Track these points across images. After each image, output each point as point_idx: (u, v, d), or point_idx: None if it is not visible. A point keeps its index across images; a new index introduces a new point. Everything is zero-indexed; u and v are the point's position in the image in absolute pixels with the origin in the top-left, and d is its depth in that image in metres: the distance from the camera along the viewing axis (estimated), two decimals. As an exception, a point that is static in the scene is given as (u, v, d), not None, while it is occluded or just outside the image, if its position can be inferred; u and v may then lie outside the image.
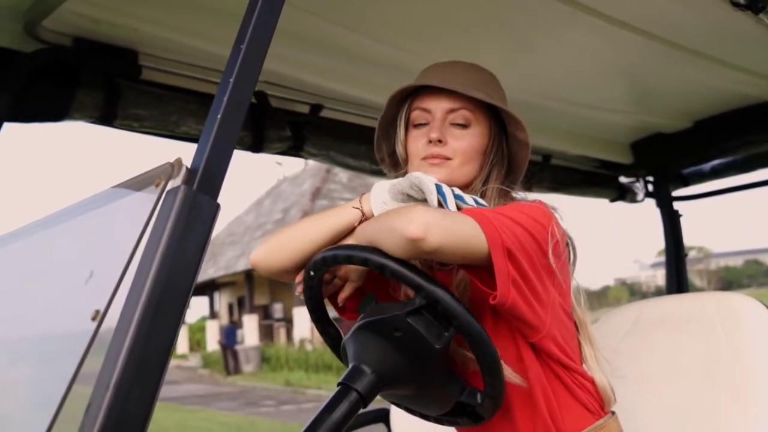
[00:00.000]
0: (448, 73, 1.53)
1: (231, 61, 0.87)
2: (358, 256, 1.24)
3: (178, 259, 0.77)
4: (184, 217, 0.78)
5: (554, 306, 1.36)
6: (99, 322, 0.72)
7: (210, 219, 0.81)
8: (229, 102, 0.84)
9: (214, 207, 0.81)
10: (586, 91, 2.58)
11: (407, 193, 1.34)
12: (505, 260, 1.22)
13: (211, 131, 0.83)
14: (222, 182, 0.83)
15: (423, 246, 1.17)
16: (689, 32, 2.08)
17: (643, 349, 1.82)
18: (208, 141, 0.82)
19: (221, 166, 0.83)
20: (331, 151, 2.43)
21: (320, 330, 1.46)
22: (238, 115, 0.85)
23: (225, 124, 0.83)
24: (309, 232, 1.39)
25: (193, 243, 0.79)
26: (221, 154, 0.83)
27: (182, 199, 0.79)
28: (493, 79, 1.59)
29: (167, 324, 0.75)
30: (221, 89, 0.86)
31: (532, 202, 1.44)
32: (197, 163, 0.82)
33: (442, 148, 1.47)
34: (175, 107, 2.03)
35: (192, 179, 0.81)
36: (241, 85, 0.86)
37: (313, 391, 17.67)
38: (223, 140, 0.83)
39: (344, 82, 2.21)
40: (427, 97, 1.51)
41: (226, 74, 0.86)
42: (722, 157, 3.03)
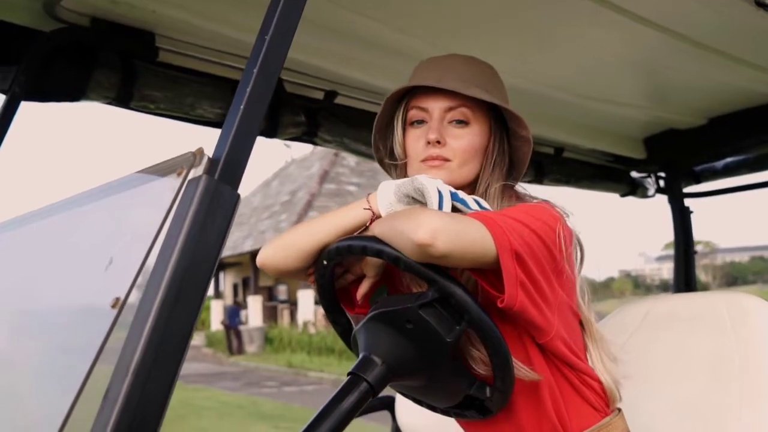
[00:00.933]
0: (444, 69, 1.51)
1: (255, 52, 0.87)
2: (372, 248, 1.25)
3: (198, 248, 0.77)
4: (205, 206, 0.79)
5: (561, 306, 1.36)
6: (119, 310, 0.72)
7: (230, 209, 0.81)
8: (252, 93, 0.84)
9: (234, 197, 0.82)
10: (602, 85, 2.57)
11: (411, 196, 1.34)
12: (513, 263, 1.22)
13: (234, 122, 0.83)
14: (243, 172, 0.83)
15: (431, 251, 1.17)
16: (708, 29, 2.07)
17: (651, 347, 1.83)
18: (230, 131, 0.82)
19: (242, 157, 0.83)
20: (344, 138, 2.42)
21: (330, 319, 1.47)
22: (260, 106, 0.85)
23: (247, 115, 0.83)
24: (317, 231, 1.39)
25: (214, 233, 0.79)
26: (243, 144, 0.83)
27: (203, 189, 0.79)
28: (492, 73, 1.56)
29: (186, 312, 0.76)
30: (244, 79, 0.86)
31: (538, 201, 1.44)
32: (219, 153, 0.82)
33: (441, 149, 1.45)
34: (191, 90, 2.03)
35: (213, 169, 0.81)
36: (264, 76, 0.86)
37: (314, 374, 17.75)
38: (245, 131, 0.83)
39: (360, 69, 2.20)
40: (423, 95, 1.49)
41: (250, 65, 0.87)
42: (735, 155, 3.02)
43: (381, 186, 1.40)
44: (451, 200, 1.30)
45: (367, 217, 1.37)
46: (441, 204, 1.27)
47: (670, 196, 3.22)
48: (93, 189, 0.93)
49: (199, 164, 0.81)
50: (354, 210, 1.39)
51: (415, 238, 1.16)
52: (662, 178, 3.28)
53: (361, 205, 1.39)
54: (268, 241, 1.44)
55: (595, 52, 2.25)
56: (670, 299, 1.93)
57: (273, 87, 0.87)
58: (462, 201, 1.33)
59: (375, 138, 1.59)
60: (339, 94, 2.33)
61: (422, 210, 1.25)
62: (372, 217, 1.36)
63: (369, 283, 1.41)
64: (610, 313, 2.04)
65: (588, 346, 1.44)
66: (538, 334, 1.32)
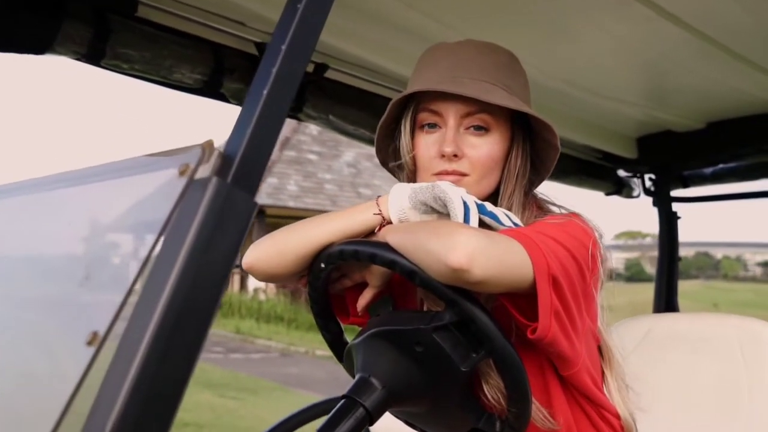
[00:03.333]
0: (459, 62, 1.31)
1: (284, 23, 0.69)
2: (383, 257, 1.09)
3: (203, 270, 0.60)
4: (214, 217, 0.62)
5: (587, 333, 1.22)
6: (97, 349, 0.55)
7: (245, 221, 0.64)
8: (278, 75, 0.66)
9: (251, 207, 0.64)
10: (604, 79, 2.43)
11: (429, 204, 1.17)
12: (549, 290, 1.08)
13: (254, 111, 0.65)
14: (262, 175, 0.66)
15: (466, 277, 1.01)
16: (725, 27, 1.93)
17: (653, 369, 1.71)
18: (249, 122, 0.65)
19: (262, 155, 0.66)
20: (331, 115, 2.24)
21: (320, 325, 1.31)
22: (287, 92, 0.68)
23: (272, 104, 0.66)
24: (318, 234, 1.22)
25: (223, 250, 0.62)
26: (264, 140, 0.66)
27: (213, 195, 0.62)
28: (514, 65, 1.37)
29: (185, 349, 0.59)
30: (268, 58, 0.68)
31: (567, 213, 1.29)
32: (234, 148, 0.65)
33: (458, 163, 1.29)
34: (170, 51, 1.83)
35: (226, 169, 0.63)
36: (295, 54, 0.68)
37: (262, 341, 17.56)
38: (268, 123, 0.66)
39: (357, 43, 2.02)
40: (439, 96, 1.31)
41: (276, 40, 0.69)
42: (730, 162, 2.91)
43: (394, 189, 1.23)
44: (479, 214, 1.13)
45: (376, 223, 1.21)
46: (467, 218, 1.11)
47: (658, 200, 3.10)
48: (67, 173, 0.74)
49: (208, 161, 0.64)
50: (362, 213, 1.22)
51: (450, 261, 1.00)
52: (651, 180, 3.17)
53: (371, 209, 1.22)
54: (256, 243, 1.26)
55: (605, 46, 2.10)
56: (673, 318, 1.81)
57: (304, 68, 0.70)
58: (491, 215, 1.16)
59: (378, 138, 1.41)
60: (330, 67, 2.14)
61: (455, 226, 1.08)
62: (382, 222, 1.20)
63: (372, 293, 1.25)
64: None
65: (605, 375, 1.31)
66: (564, 365, 1.18)
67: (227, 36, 1.93)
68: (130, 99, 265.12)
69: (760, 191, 3.02)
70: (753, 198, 3.05)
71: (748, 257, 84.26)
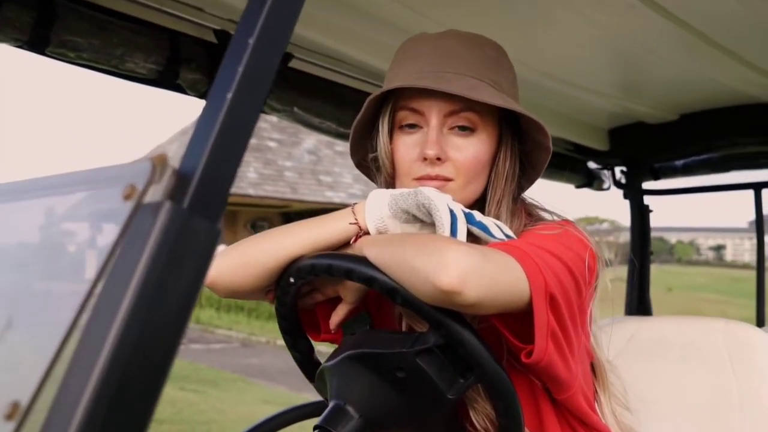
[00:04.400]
0: (442, 58, 1.19)
1: (251, 11, 0.57)
2: (360, 273, 0.98)
3: (153, 320, 0.49)
4: (167, 252, 0.50)
5: (582, 351, 1.12)
6: (18, 424, 0.44)
7: (207, 256, 0.52)
8: (246, 75, 0.55)
9: (213, 237, 0.53)
10: (580, 70, 2.34)
11: (412, 213, 1.06)
12: (546, 309, 0.98)
13: (216, 119, 0.53)
14: (227, 197, 0.54)
15: (457, 299, 0.90)
16: (710, 16, 1.84)
17: (639, 380, 1.61)
18: (211, 132, 0.53)
19: (228, 173, 0.54)
20: (295, 107, 2.12)
21: (288, 342, 1.20)
22: (258, 95, 0.56)
23: (238, 109, 0.54)
24: (287, 245, 1.11)
25: (179, 295, 0.50)
26: (230, 153, 0.54)
27: (166, 224, 0.50)
28: (501, 58, 1.26)
29: (131, 423, 0.48)
30: (233, 55, 0.56)
31: (561, 222, 1.19)
32: (192, 164, 0.53)
33: (441, 167, 1.18)
34: (121, 39, 1.69)
35: (183, 191, 0.52)
36: (266, 49, 0.56)
37: (222, 331, 17.35)
38: (234, 133, 0.54)
39: (322, 30, 1.89)
40: (419, 93, 1.19)
41: (242, 33, 0.57)
42: (703, 154, 2.85)
43: (371, 195, 1.12)
44: (467, 224, 1.03)
45: (352, 233, 1.09)
46: (454, 229, 1.01)
47: (630, 192, 3.04)
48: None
49: (160, 181, 0.52)
50: (336, 222, 1.11)
51: (440, 282, 0.89)
52: (623, 172, 3.10)
53: (345, 217, 1.10)
54: (220, 255, 1.14)
55: (577, 33, 1.99)
56: (657, 323, 1.73)
57: (277, 66, 0.58)
58: (481, 225, 1.05)
59: (353, 138, 1.29)
60: (294, 57, 2.01)
61: (444, 242, 0.97)
62: (359, 233, 1.09)
63: (346, 310, 1.14)
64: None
65: (598, 395, 1.22)
66: (559, 389, 1.08)
67: (184, 22, 1.79)
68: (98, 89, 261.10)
69: (732, 183, 2.97)
70: (725, 190, 3.01)
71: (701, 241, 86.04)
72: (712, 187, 3.00)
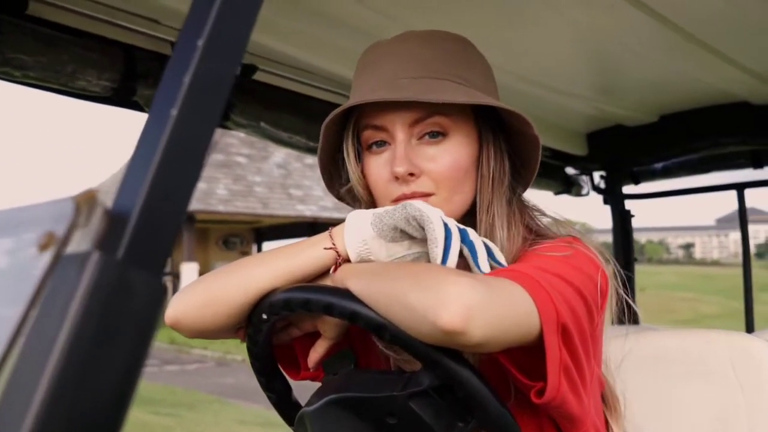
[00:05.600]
0: (399, 63, 1.08)
1: (200, 7, 0.46)
2: (342, 308, 0.86)
3: (82, 408, 0.37)
4: (97, 316, 0.38)
5: (594, 383, 1.02)
6: None
7: (149, 318, 0.41)
8: (195, 85, 0.44)
9: (156, 292, 0.41)
10: (557, 72, 2.25)
11: (402, 228, 0.95)
12: (558, 343, 0.87)
13: (157, 143, 0.42)
14: (173, 242, 0.43)
15: (461, 340, 0.79)
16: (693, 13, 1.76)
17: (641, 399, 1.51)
18: (150, 160, 0.42)
19: (174, 211, 0.43)
20: (262, 121, 2.00)
21: (263, 384, 1.08)
22: (212, 109, 0.45)
23: (186, 129, 0.43)
24: (257, 278, 0.98)
25: (116, 370, 0.39)
26: (177, 185, 0.43)
27: (95, 279, 0.39)
28: (467, 51, 1.13)
29: None
30: (178, 61, 0.45)
31: (568, 239, 1.07)
32: (128, 203, 0.41)
33: (417, 182, 1.06)
34: (71, 55, 1.56)
35: (117, 237, 0.40)
36: (220, 52, 0.45)
37: (198, 351, 17.10)
38: (182, 160, 0.43)
39: (286, 39, 1.78)
40: (378, 107, 1.07)
41: (188, 33, 0.46)
42: (684, 156, 2.78)
43: (351, 217, 1.00)
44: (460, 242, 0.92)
45: (329, 260, 0.98)
46: (448, 245, 0.89)
47: (611, 198, 2.96)
48: None
49: (86, 225, 0.40)
50: (311, 249, 0.99)
51: (440, 321, 0.77)
52: (602, 177, 3.02)
53: (322, 243, 0.99)
54: (180, 292, 1.02)
55: (556, 34, 1.90)
56: (656, 336, 1.63)
57: (235, 72, 0.47)
58: (471, 247, 0.94)
59: (323, 169, 1.18)
60: (259, 69, 1.90)
61: (442, 273, 0.85)
62: (338, 259, 0.98)
63: (326, 346, 1.02)
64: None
65: (610, 426, 1.11)
66: (571, 426, 0.97)
67: (138, 36, 1.67)
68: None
69: (714, 185, 2.90)
70: (707, 192, 2.94)
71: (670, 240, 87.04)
72: (695, 189, 2.93)
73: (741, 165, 2.83)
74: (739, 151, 2.74)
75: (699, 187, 2.94)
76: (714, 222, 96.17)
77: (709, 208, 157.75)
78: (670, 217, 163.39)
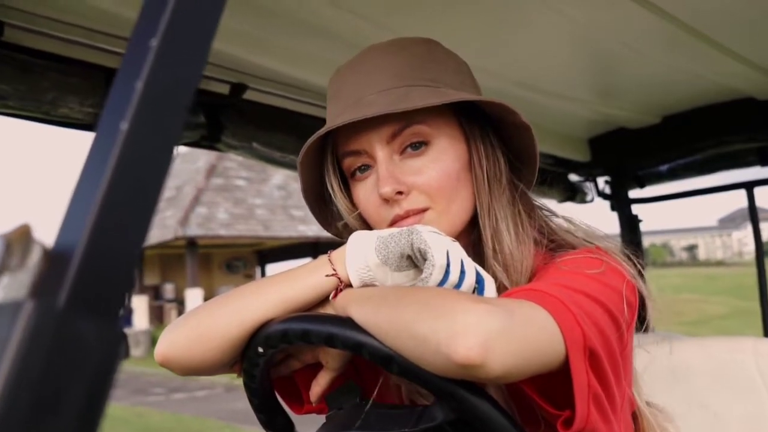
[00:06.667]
0: (363, 80, 1.01)
1: (151, 4, 0.40)
2: (346, 339, 0.79)
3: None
4: (36, 376, 0.31)
5: (625, 406, 0.94)
6: None
7: (104, 374, 0.34)
8: (148, 94, 0.37)
9: (112, 343, 0.34)
10: (556, 76, 2.19)
11: (408, 255, 0.88)
12: (586, 369, 0.80)
13: (105, 163, 0.35)
14: (132, 280, 0.36)
15: (479, 373, 0.71)
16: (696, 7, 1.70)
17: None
18: (96, 188, 0.35)
19: (130, 244, 0.36)
20: (254, 142, 1.93)
21: (263, 421, 1.00)
22: (170, 122, 0.38)
23: (140, 146, 0.36)
24: (253, 309, 0.91)
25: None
26: (130, 215, 0.36)
27: (32, 332, 0.32)
28: (434, 52, 1.06)
29: None
30: (128, 65, 0.38)
31: (591, 249, 0.99)
32: (71, 238, 0.34)
33: (408, 200, 0.99)
34: (51, 82, 1.50)
35: (58, 280, 0.33)
36: (180, 53, 0.39)
37: (205, 377, 16.97)
38: (135, 183, 0.36)
39: (277, 55, 1.71)
40: (350, 131, 1.01)
41: (140, 32, 0.39)
42: (690, 157, 2.70)
43: (353, 239, 0.93)
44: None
45: (330, 287, 0.91)
46: (462, 279, 0.82)
47: (617, 203, 2.88)
48: None
49: (21, 267, 0.33)
50: (310, 275, 0.92)
51: (455, 354, 0.69)
52: (607, 182, 2.95)
53: (321, 269, 0.92)
54: (171, 326, 0.95)
55: (553, 35, 1.82)
56: (678, 345, 1.55)
57: (199, 76, 0.40)
58: (480, 282, 0.87)
59: (312, 208, 1.12)
60: (249, 87, 1.84)
61: (455, 297, 0.76)
62: (339, 286, 0.90)
63: (329, 378, 0.95)
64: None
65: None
66: None
67: (120, 58, 1.60)
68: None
69: (723, 185, 2.83)
70: (716, 192, 2.86)
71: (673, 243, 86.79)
72: (703, 190, 2.85)
73: (749, 163, 2.75)
74: (746, 149, 2.66)
75: (707, 187, 2.85)
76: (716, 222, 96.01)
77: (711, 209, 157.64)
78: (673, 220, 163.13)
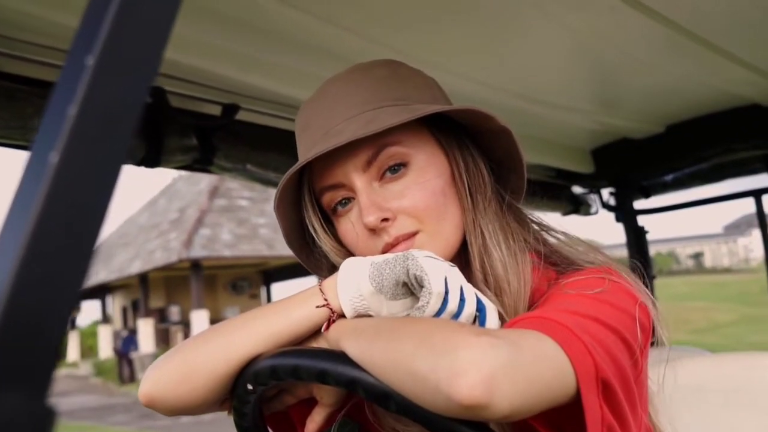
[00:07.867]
0: (328, 111, 0.97)
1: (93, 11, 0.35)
2: (339, 375, 0.74)
3: None
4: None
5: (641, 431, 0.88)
6: None
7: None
8: (83, 121, 0.32)
9: (40, 423, 0.29)
10: (556, 86, 2.14)
11: (404, 282, 0.83)
12: (599, 402, 0.74)
13: (32, 198, 0.30)
14: (58, 347, 0.30)
15: (484, 414, 0.64)
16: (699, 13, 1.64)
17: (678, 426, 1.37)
18: (18, 232, 0.29)
19: (60, 304, 0.30)
20: (248, 163, 1.89)
21: (258, 461, 0.94)
22: (111, 152, 0.33)
23: (70, 183, 0.31)
24: (240, 344, 0.86)
25: None
26: (62, 265, 0.30)
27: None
28: (398, 71, 1.02)
29: None
30: (61, 88, 0.33)
31: (599, 269, 0.93)
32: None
33: (396, 226, 0.94)
34: (35, 108, 1.45)
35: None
36: (121, 71, 0.33)
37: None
38: (66, 228, 0.30)
39: (269, 74, 1.66)
40: (324, 165, 0.96)
41: (76, 50, 0.34)
42: (695, 166, 2.64)
43: (345, 266, 0.88)
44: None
45: (322, 319, 0.85)
46: (461, 307, 0.77)
47: (623, 215, 2.82)
48: None
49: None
50: (300, 307, 0.86)
51: (457, 394, 0.63)
52: (612, 194, 2.89)
53: (312, 299, 0.86)
54: (155, 364, 0.89)
55: (552, 43, 1.76)
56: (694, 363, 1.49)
57: (145, 96, 0.35)
58: (482, 310, 0.81)
59: (299, 253, 1.06)
60: (241, 108, 1.79)
61: (455, 330, 0.70)
62: (331, 317, 0.85)
63: (324, 414, 0.89)
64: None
65: None
66: None
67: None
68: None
69: (730, 194, 2.77)
70: (723, 201, 2.80)
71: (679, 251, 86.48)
72: (710, 199, 2.79)
73: (755, 170, 2.70)
74: (753, 156, 2.61)
75: (714, 197, 2.80)
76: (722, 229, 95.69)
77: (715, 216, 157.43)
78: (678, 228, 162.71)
